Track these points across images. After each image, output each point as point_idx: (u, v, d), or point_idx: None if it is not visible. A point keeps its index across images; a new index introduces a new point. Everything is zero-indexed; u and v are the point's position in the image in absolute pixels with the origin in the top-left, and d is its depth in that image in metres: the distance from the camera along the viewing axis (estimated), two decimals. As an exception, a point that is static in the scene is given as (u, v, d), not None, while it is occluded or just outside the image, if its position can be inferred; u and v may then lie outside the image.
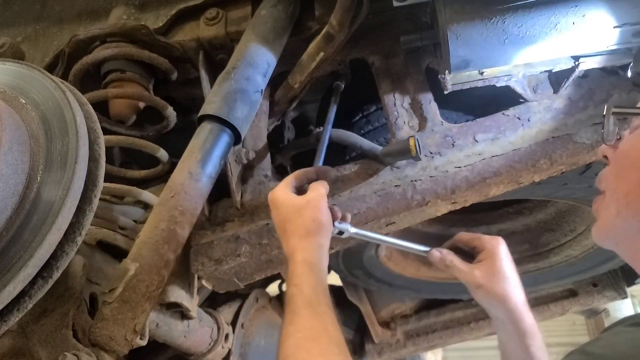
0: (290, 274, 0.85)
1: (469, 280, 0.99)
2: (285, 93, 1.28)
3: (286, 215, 0.92)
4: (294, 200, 0.93)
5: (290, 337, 0.74)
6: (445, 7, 0.90)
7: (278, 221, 0.93)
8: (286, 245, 0.90)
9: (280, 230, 0.93)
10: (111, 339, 0.83)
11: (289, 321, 0.77)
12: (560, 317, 2.34)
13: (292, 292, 0.81)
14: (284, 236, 0.92)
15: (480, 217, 2.19)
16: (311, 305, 0.78)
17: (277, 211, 0.94)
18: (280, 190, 0.95)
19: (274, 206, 0.95)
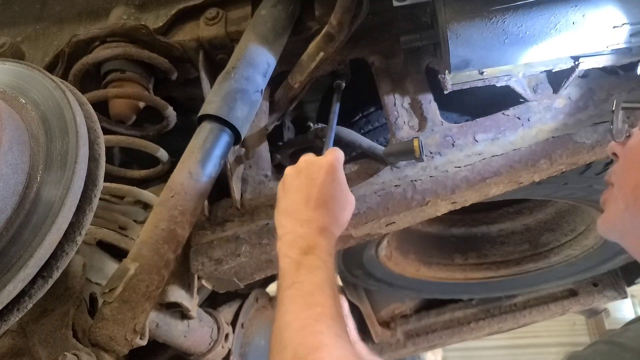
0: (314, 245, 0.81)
1: None
2: (285, 93, 1.28)
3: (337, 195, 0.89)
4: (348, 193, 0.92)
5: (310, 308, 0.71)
6: (445, 7, 0.90)
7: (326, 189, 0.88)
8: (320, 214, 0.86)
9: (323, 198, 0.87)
10: (111, 339, 0.83)
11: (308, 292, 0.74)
12: (560, 317, 2.34)
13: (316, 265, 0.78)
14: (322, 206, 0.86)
15: (480, 217, 2.20)
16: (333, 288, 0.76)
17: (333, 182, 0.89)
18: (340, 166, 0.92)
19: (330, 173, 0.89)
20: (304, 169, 0.92)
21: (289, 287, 0.76)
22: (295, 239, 0.84)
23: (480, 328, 2.31)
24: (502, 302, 2.31)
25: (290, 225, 0.87)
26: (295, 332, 0.67)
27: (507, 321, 2.29)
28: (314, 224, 0.85)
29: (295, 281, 0.76)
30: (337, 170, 0.91)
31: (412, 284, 2.11)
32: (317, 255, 0.80)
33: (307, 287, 0.75)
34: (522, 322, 2.29)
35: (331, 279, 0.77)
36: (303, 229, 0.84)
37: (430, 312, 2.40)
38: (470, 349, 5.59)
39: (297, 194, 0.89)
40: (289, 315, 0.70)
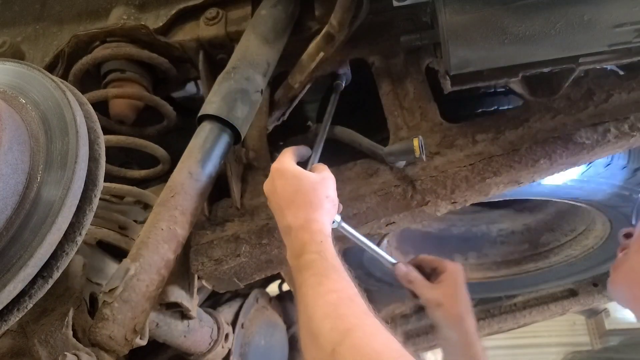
0: (303, 243, 0.83)
1: (430, 298, 1.04)
2: (285, 93, 1.28)
3: (298, 187, 0.90)
4: (308, 175, 0.93)
5: (325, 296, 0.71)
6: (445, 7, 0.90)
7: (285, 191, 0.90)
8: (293, 216, 0.87)
9: (286, 200, 0.90)
10: (111, 339, 0.83)
11: (316, 283, 0.74)
12: (561, 317, 2.34)
13: (312, 259, 0.79)
14: (290, 206, 0.89)
15: (480, 217, 2.20)
16: (337, 272, 0.77)
17: (285, 182, 0.91)
18: (287, 163, 0.94)
19: (280, 176, 0.92)
20: (267, 191, 0.96)
21: (299, 287, 0.77)
22: (290, 249, 0.86)
23: (480, 328, 2.30)
24: (502, 302, 2.31)
25: (285, 241, 0.90)
26: (320, 321, 0.67)
27: (507, 321, 2.29)
28: (295, 225, 0.87)
29: (301, 281, 0.77)
30: (283, 169, 0.94)
31: (412, 284, 2.11)
32: (308, 250, 0.81)
33: (313, 280, 0.76)
34: (522, 322, 2.29)
35: (333, 264, 0.78)
36: (290, 237, 0.87)
37: (431, 312, 2.39)
38: (470, 349, 5.58)
39: (275, 214, 0.93)
40: (309, 310, 0.71)
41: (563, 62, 1.00)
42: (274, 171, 0.94)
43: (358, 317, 0.67)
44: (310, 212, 0.88)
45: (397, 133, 1.22)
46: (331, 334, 0.64)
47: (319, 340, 0.65)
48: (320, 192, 0.91)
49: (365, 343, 0.62)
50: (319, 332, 0.66)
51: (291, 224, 0.87)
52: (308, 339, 0.68)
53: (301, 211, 0.88)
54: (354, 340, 0.62)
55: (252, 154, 1.25)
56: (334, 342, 0.63)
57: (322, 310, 0.69)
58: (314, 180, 0.92)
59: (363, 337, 0.63)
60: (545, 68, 1.04)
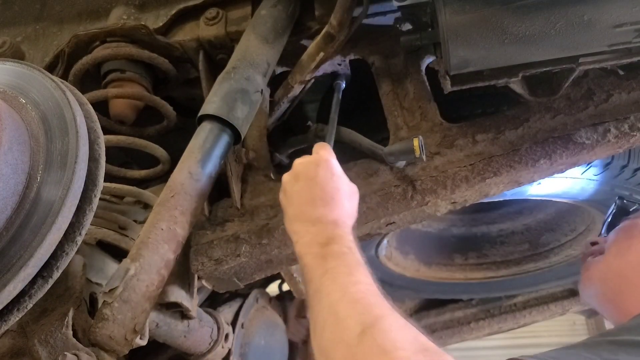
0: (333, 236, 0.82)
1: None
2: (285, 93, 1.28)
3: (340, 187, 0.91)
4: (349, 181, 0.94)
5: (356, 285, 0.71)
6: (445, 7, 0.90)
7: (327, 185, 0.89)
8: (329, 210, 0.87)
9: (325, 193, 0.88)
10: (111, 339, 0.83)
11: (346, 272, 0.74)
12: (561, 317, 2.34)
13: (342, 251, 0.79)
14: (329, 201, 0.88)
15: (480, 217, 2.20)
16: (367, 270, 0.76)
17: (330, 176, 0.90)
18: (334, 160, 0.94)
19: (327, 168, 0.91)
20: (301, 171, 0.93)
21: (323, 274, 0.75)
22: (312, 238, 0.84)
23: (480, 328, 2.31)
24: (502, 302, 2.31)
25: (303, 229, 0.86)
26: (351, 304, 0.67)
27: (507, 321, 2.29)
28: (326, 220, 0.85)
29: (327, 268, 0.75)
30: (333, 163, 0.93)
31: (412, 284, 2.11)
32: (339, 243, 0.80)
33: (343, 269, 0.75)
34: (522, 322, 2.29)
35: (360, 261, 0.78)
36: (317, 227, 0.85)
37: (430, 312, 2.40)
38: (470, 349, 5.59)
39: (301, 198, 0.90)
40: (336, 294, 0.70)
41: (563, 62, 1.00)
42: (322, 160, 0.92)
43: (388, 308, 0.67)
44: (344, 216, 0.88)
45: (397, 133, 1.22)
46: (362, 317, 0.64)
47: (347, 322, 0.64)
48: (354, 203, 0.93)
49: (397, 329, 0.61)
50: (347, 314, 0.65)
51: (323, 217, 0.86)
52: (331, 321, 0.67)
53: (338, 211, 0.87)
54: (386, 326, 0.62)
55: (252, 154, 1.25)
56: (365, 324, 0.62)
57: (353, 296, 0.68)
58: (352, 189, 0.94)
59: (395, 324, 0.63)
60: (545, 68, 1.04)
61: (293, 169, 0.94)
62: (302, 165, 0.94)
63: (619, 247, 1.03)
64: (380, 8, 1.22)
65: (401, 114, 1.23)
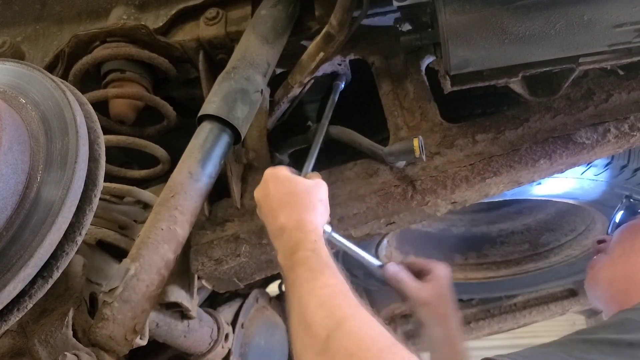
0: (296, 242, 0.85)
1: (417, 296, 1.05)
2: (285, 93, 1.28)
3: (292, 189, 0.93)
4: (301, 179, 0.97)
5: (320, 289, 0.73)
6: (445, 7, 0.89)
7: (278, 194, 0.93)
8: (287, 216, 0.90)
9: (279, 202, 0.92)
10: (111, 339, 0.83)
11: (310, 278, 0.76)
12: (560, 317, 2.34)
13: (305, 256, 0.81)
14: (284, 208, 0.91)
15: (480, 217, 2.20)
16: (331, 269, 0.78)
17: (279, 185, 0.94)
18: (281, 169, 0.98)
19: (274, 179, 0.95)
20: (258, 197, 0.98)
21: (292, 284, 0.78)
22: (283, 249, 0.88)
23: (480, 328, 2.31)
24: (502, 302, 2.31)
25: (276, 242, 0.91)
26: (315, 310, 0.69)
27: (507, 321, 2.29)
28: (288, 225, 0.89)
29: (295, 278, 0.78)
30: (278, 172, 0.96)
31: (412, 284, 2.11)
32: (302, 248, 0.83)
33: (308, 275, 0.77)
34: (522, 322, 2.29)
35: (326, 262, 0.80)
36: (283, 238, 0.88)
37: (430, 312, 2.39)
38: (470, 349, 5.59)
39: (266, 217, 0.95)
40: (303, 300, 0.73)
41: (563, 62, 1.00)
42: (268, 175, 0.97)
43: (352, 308, 0.68)
44: (303, 213, 0.90)
45: (397, 133, 1.22)
46: (325, 321, 0.65)
47: (313, 328, 0.66)
48: (313, 195, 0.94)
49: (361, 330, 0.63)
50: (312, 320, 0.67)
51: (284, 224, 0.89)
52: (300, 329, 0.69)
53: (295, 212, 0.90)
54: (350, 328, 0.63)
55: (252, 154, 1.25)
56: (329, 328, 0.64)
57: (317, 300, 0.71)
58: (307, 184, 0.96)
59: (359, 325, 0.64)
60: (545, 68, 1.04)
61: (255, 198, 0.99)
62: (257, 191, 0.98)
63: (623, 247, 1.03)
64: (380, 8, 1.22)
65: (401, 114, 1.23)
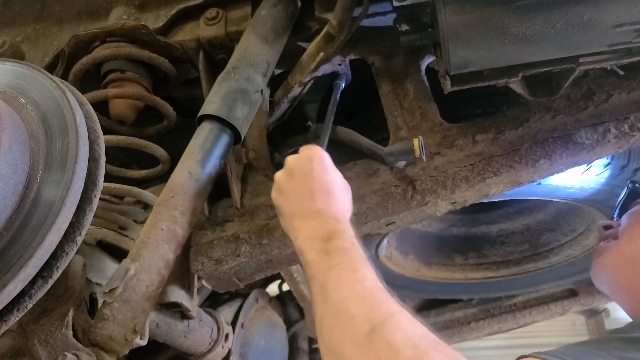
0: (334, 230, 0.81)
1: None
2: (285, 93, 1.28)
3: (334, 179, 0.90)
4: (341, 176, 0.94)
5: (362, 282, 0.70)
6: (445, 7, 0.90)
7: (322, 178, 0.89)
8: (327, 204, 0.86)
9: (321, 186, 0.88)
10: (111, 339, 0.83)
11: (351, 268, 0.73)
12: (560, 317, 2.34)
13: (345, 246, 0.78)
14: (325, 195, 0.87)
15: (480, 217, 2.20)
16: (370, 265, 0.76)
17: (325, 170, 0.90)
18: (327, 155, 0.94)
19: (321, 162, 0.91)
20: (295, 167, 0.92)
21: (327, 270, 0.74)
22: (313, 233, 0.82)
23: (480, 328, 2.31)
24: (502, 302, 2.31)
25: (303, 224, 0.85)
26: (359, 301, 0.66)
27: (507, 321, 2.29)
28: (326, 213, 0.84)
29: (332, 264, 0.74)
30: (326, 157, 0.93)
31: (412, 284, 2.11)
32: (341, 238, 0.79)
33: (348, 265, 0.74)
34: (522, 322, 2.29)
35: (364, 256, 0.77)
36: (316, 222, 0.84)
37: (430, 312, 2.40)
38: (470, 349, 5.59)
39: (297, 193, 0.89)
40: (342, 291, 0.69)
41: (563, 62, 1.00)
42: (314, 154, 0.92)
43: (396, 305, 0.66)
44: (343, 209, 0.88)
45: (397, 133, 1.22)
46: (370, 315, 0.63)
47: (356, 320, 0.63)
48: (349, 197, 0.93)
49: (406, 327, 0.61)
50: (355, 312, 0.65)
51: (322, 209, 0.85)
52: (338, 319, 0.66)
53: (335, 203, 0.87)
54: (395, 324, 0.61)
55: (252, 154, 1.25)
56: (373, 323, 0.61)
57: (360, 293, 0.67)
58: (345, 184, 0.94)
59: (404, 322, 0.62)
60: (545, 68, 1.04)
61: (286, 165, 0.93)
62: (295, 160, 0.93)
63: (631, 232, 1.01)
64: (380, 8, 1.22)
65: (401, 114, 1.23)
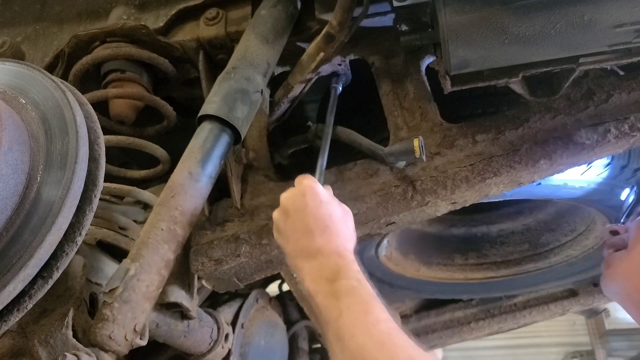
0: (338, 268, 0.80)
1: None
2: (285, 93, 1.28)
3: (330, 212, 0.88)
4: (338, 204, 0.92)
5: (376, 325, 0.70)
6: (445, 7, 0.90)
7: (317, 213, 0.87)
8: (326, 240, 0.84)
9: (317, 223, 0.86)
10: (111, 339, 0.83)
11: (362, 311, 0.72)
12: (561, 317, 2.34)
13: (352, 285, 0.77)
14: (324, 231, 0.85)
15: (480, 217, 2.20)
16: (379, 302, 0.75)
17: (319, 203, 0.88)
18: (319, 185, 0.92)
19: (314, 195, 0.89)
20: (289, 205, 0.91)
21: (339, 316, 0.73)
22: (317, 273, 0.82)
23: (480, 328, 2.31)
24: (502, 302, 2.31)
25: (306, 265, 0.84)
26: (377, 349, 0.66)
27: (507, 321, 2.29)
28: (327, 250, 0.83)
29: (342, 309, 0.74)
30: (318, 189, 0.91)
31: (412, 284, 2.11)
32: (346, 276, 0.78)
33: (359, 307, 0.73)
34: (522, 322, 2.29)
35: (372, 293, 0.76)
36: (319, 261, 0.83)
37: (430, 312, 2.40)
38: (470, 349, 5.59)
39: (295, 232, 0.88)
40: (359, 338, 0.69)
41: (563, 62, 1.00)
42: (306, 188, 0.90)
43: (414, 348, 0.66)
44: (344, 242, 0.86)
45: (397, 133, 1.22)
46: None
47: None
48: (350, 224, 0.91)
49: None
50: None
51: (322, 247, 0.83)
52: None
53: (336, 238, 0.85)
54: None
55: (252, 154, 1.25)
56: None
57: (377, 338, 0.67)
58: (344, 210, 0.92)
59: None
60: (546, 68, 1.05)
61: (281, 204, 0.93)
62: (288, 198, 0.92)
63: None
64: (380, 8, 1.22)
65: (401, 114, 1.23)
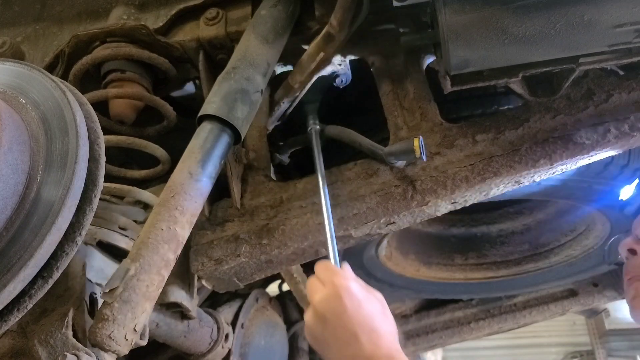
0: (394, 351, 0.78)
1: None
2: (285, 93, 1.28)
3: (371, 310, 0.84)
4: (374, 294, 0.88)
5: None
6: (445, 7, 0.90)
7: (359, 315, 0.82)
8: (374, 345, 0.79)
9: (361, 326, 0.81)
10: (111, 339, 0.83)
11: None
12: (560, 317, 2.35)
13: None
14: (371, 334, 0.80)
15: (480, 217, 2.20)
16: None
17: (356, 304, 0.83)
18: (353, 281, 0.86)
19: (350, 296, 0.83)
20: (326, 310, 0.85)
21: None
22: None
23: (480, 328, 2.31)
24: (502, 302, 2.31)
25: None
26: None
27: (507, 321, 2.29)
28: (378, 356, 0.79)
29: None
30: (353, 289, 0.85)
31: (412, 284, 2.11)
32: None
33: None
34: (522, 322, 2.29)
35: None
36: None
37: (430, 312, 2.40)
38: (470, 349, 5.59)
39: (338, 340, 0.82)
40: None
41: (563, 62, 1.00)
42: (342, 289, 0.84)
43: None
44: (392, 342, 0.82)
45: (397, 133, 1.22)
46: None
47: None
48: (389, 317, 0.87)
49: None
50: None
51: (375, 354, 0.79)
52: None
53: (385, 340, 0.81)
54: None
55: (252, 154, 1.25)
56: None
57: None
58: (380, 302, 0.87)
59: None
60: (546, 68, 1.05)
61: (314, 310, 0.86)
62: (322, 303, 0.85)
63: None
64: (380, 8, 1.22)
65: (401, 114, 1.23)
